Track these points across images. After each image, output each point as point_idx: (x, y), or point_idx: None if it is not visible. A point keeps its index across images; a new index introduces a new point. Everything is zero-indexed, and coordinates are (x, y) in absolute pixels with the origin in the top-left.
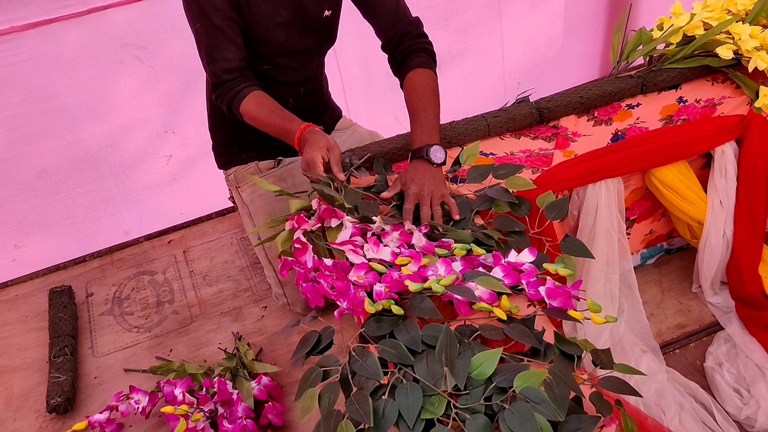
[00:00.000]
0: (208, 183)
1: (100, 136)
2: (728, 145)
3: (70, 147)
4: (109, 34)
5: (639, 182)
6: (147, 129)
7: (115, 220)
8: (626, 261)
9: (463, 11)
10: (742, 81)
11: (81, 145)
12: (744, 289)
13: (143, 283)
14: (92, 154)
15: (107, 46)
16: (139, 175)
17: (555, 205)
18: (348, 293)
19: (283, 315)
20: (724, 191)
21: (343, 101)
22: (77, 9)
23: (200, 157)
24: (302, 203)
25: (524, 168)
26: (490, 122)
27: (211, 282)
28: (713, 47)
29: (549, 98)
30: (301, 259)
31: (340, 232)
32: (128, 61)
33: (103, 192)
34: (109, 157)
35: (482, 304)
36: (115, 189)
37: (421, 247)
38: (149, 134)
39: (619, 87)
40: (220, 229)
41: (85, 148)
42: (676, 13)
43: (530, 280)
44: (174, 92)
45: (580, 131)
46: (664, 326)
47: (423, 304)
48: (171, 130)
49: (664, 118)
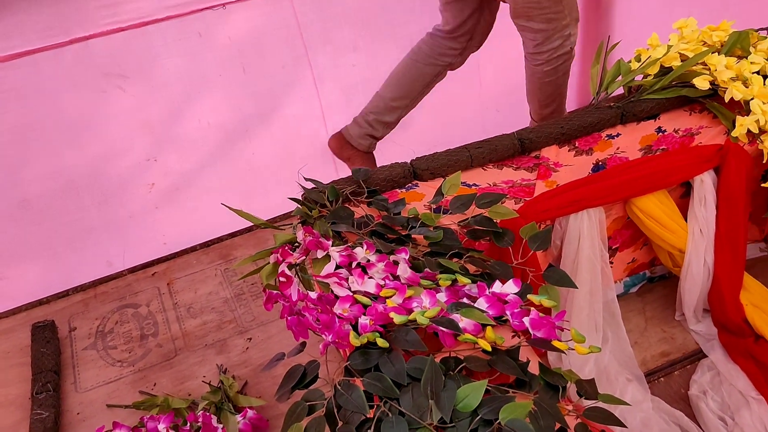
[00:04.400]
0: (191, 211)
1: (82, 165)
2: (707, 174)
3: (51, 177)
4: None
5: (620, 211)
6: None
7: (97, 250)
8: (609, 290)
9: None
10: (719, 111)
11: (63, 175)
12: (726, 317)
13: (127, 316)
14: (74, 184)
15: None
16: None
17: (538, 235)
18: (333, 326)
19: (269, 347)
20: (704, 220)
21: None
22: (59, 39)
23: (183, 185)
24: (287, 236)
25: (507, 198)
26: (472, 153)
27: (195, 314)
28: (690, 78)
29: (530, 129)
30: (286, 292)
31: (326, 264)
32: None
33: (85, 222)
34: (91, 187)
35: (467, 335)
36: (97, 219)
37: (406, 278)
38: (131, 163)
39: (599, 117)
40: (204, 260)
41: (67, 178)
42: (653, 45)
43: (514, 311)
44: (156, 121)
45: (561, 161)
46: (649, 354)
47: (408, 337)
48: (153, 158)
49: (644, 148)
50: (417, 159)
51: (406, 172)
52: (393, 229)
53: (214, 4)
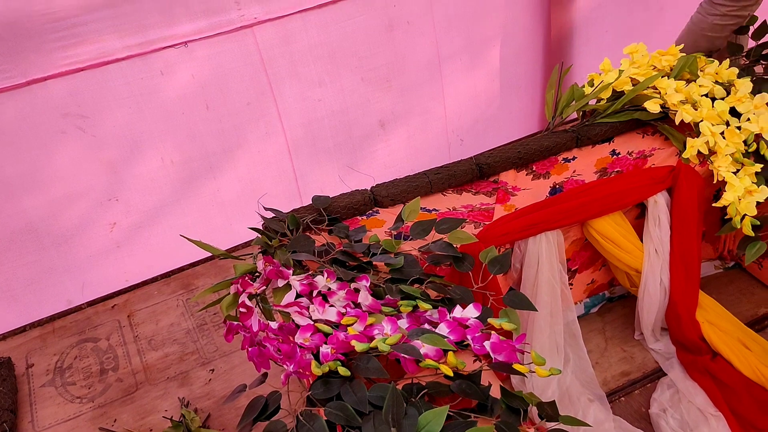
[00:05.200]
0: (154, 249)
1: (42, 206)
2: (660, 195)
3: (10, 219)
4: (50, 105)
5: (578, 233)
6: (90, 198)
7: (57, 290)
8: (570, 311)
9: (404, 73)
10: (670, 133)
11: (21, 217)
12: (683, 335)
13: (86, 350)
14: (33, 225)
15: (48, 117)
16: (82, 244)
17: (498, 259)
18: (294, 356)
19: (232, 377)
20: (659, 240)
21: (289, 162)
22: (17, 81)
23: (145, 223)
24: (247, 266)
25: (466, 223)
26: (431, 179)
27: (156, 346)
28: (642, 102)
29: (488, 154)
30: (247, 323)
31: (286, 293)
32: (69, 131)
33: (44, 263)
34: (50, 228)
35: (429, 361)
36: (57, 259)
37: (367, 305)
38: (92, 203)
39: (555, 141)
40: (166, 291)
41: (26, 219)
42: (606, 70)
43: (475, 335)
44: (117, 160)
45: (519, 185)
46: (609, 374)
47: (369, 365)
48: (114, 198)
49: (599, 171)
50: (377, 186)
51: (367, 199)
52: (354, 257)
53: (175, 43)
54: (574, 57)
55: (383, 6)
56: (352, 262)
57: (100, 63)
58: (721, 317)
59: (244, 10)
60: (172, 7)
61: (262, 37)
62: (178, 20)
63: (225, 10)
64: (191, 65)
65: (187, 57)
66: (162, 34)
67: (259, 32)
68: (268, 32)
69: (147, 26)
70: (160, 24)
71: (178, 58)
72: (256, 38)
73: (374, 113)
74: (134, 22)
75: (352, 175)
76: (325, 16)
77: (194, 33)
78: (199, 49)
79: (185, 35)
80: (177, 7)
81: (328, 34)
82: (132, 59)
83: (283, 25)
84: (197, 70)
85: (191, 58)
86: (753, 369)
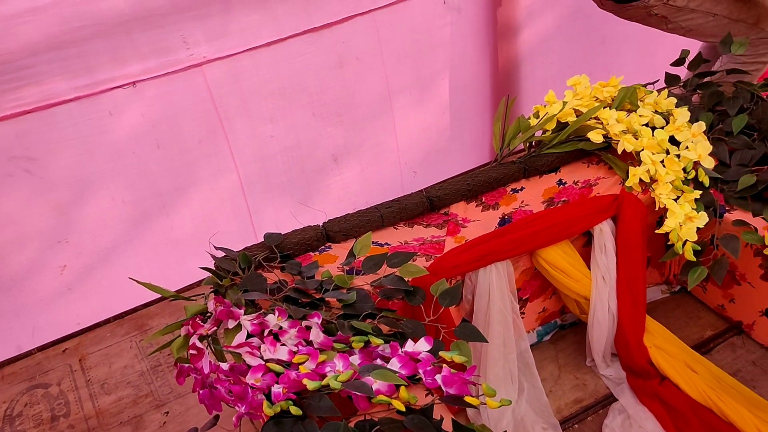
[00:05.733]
0: (106, 290)
1: None
2: (605, 223)
3: None
4: None
5: (528, 263)
6: (39, 240)
7: (6, 336)
8: (522, 340)
9: (355, 107)
10: (614, 162)
11: None
12: (632, 360)
13: (37, 397)
14: None
15: None
16: (31, 288)
17: (448, 292)
18: (246, 397)
19: (186, 419)
20: (606, 267)
21: (242, 199)
22: None
23: (96, 264)
24: (198, 307)
25: (418, 256)
26: (383, 213)
27: (109, 390)
28: (585, 132)
29: (439, 186)
30: (198, 365)
31: (237, 334)
32: (17, 174)
33: None
34: None
35: (381, 397)
36: (5, 304)
37: (318, 343)
38: (41, 245)
39: (503, 173)
40: (119, 332)
41: None
42: (550, 102)
43: (427, 369)
44: (67, 201)
45: (469, 217)
46: (563, 402)
47: (321, 403)
48: (65, 239)
49: (546, 201)
50: (329, 221)
51: (319, 235)
52: (306, 293)
53: (124, 83)
54: (520, 88)
55: (332, 43)
56: (304, 299)
57: (47, 105)
58: (668, 341)
59: (193, 50)
60: (119, 48)
61: (211, 75)
62: (126, 61)
63: (173, 50)
64: (141, 105)
65: (136, 97)
66: (110, 75)
67: (209, 71)
68: (218, 70)
69: (94, 67)
70: (108, 65)
71: (127, 98)
72: (205, 77)
73: (327, 148)
74: (81, 63)
75: (306, 211)
76: (274, 53)
77: (143, 73)
78: (148, 88)
79: (134, 75)
80: (124, 47)
81: (278, 71)
82: (80, 100)
83: (232, 63)
84: (147, 110)
85: (140, 97)
86: (700, 392)
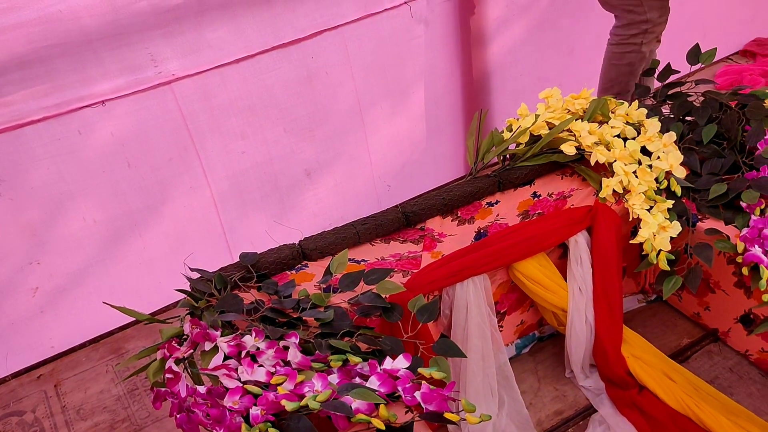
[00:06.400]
0: (80, 313)
1: None
2: (580, 235)
3: None
4: None
5: (504, 276)
6: (9, 262)
7: None
8: (501, 354)
9: (327, 122)
10: (587, 174)
11: None
12: (610, 370)
13: (11, 425)
14: None
15: None
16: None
17: (426, 307)
18: (224, 420)
19: None
20: (582, 278)
21: (216, 216)
22: None
23: (70, 286)
24: (173, 330)
25: (395, 272)
26: (359, 230)
27: (85, 416)
28: (558, 144)
29: (414, 201)
30: (174, 389)
31: (214, 356)
32: None
33: None
34: None
35: (360, 416)
36: None
37: (296, 363)
38: (12, 268)
39: (477, 187)
40: (94, 357)
41: None
42: (523, 115)
43: (406, 386)
44: (37, 222)
45: (445, 231)
46: (543, 414)
47: (300, 424)
48: (36, 261)
49: (521, 213)
50: (305, 239)
51: (295, 253)
52: (284, 313)
53: (92, 102)
54: (493, 100)
55: (301, 58)
56: (281, 319)
57: (14, 126)
58: (645, 350)
59: (161, 67)
60: (87, 67)
61: (181, 92)
62: (94, 80)
63: (141, 68)
64: (110, 123)
65: (105, 116)
66: (78, 94)
67: (178, 88)
68: (187, 88)
69: (62, 87)
70: (76, 84)
71: (96, 117)
72: (175, 94)
73: (299, 163)
74: (48, 83)
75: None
76: (243, 70)
77: (111, 92)
78: (117, 107)
79: (102, 94)
80: (92, 66)
81: (248, 88)
82: (48, 120)
83: (201, 80)
84: (116, 128)
85: (110, 116)
86: (677, 400)
